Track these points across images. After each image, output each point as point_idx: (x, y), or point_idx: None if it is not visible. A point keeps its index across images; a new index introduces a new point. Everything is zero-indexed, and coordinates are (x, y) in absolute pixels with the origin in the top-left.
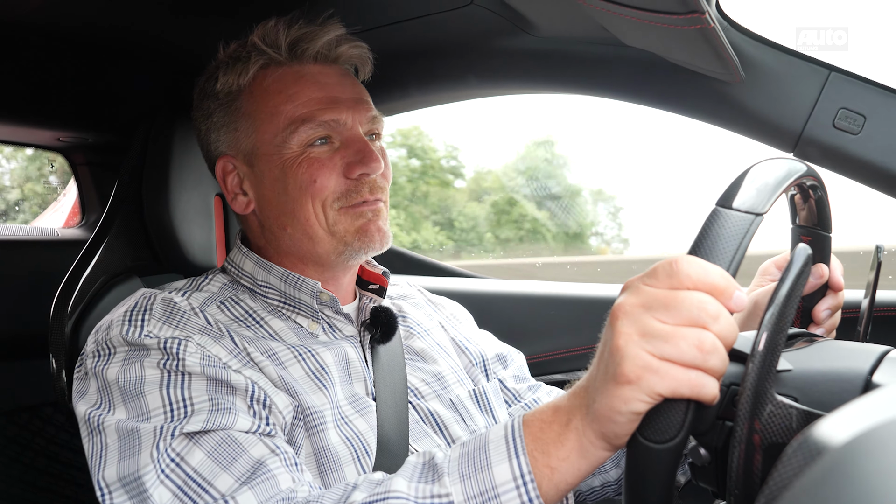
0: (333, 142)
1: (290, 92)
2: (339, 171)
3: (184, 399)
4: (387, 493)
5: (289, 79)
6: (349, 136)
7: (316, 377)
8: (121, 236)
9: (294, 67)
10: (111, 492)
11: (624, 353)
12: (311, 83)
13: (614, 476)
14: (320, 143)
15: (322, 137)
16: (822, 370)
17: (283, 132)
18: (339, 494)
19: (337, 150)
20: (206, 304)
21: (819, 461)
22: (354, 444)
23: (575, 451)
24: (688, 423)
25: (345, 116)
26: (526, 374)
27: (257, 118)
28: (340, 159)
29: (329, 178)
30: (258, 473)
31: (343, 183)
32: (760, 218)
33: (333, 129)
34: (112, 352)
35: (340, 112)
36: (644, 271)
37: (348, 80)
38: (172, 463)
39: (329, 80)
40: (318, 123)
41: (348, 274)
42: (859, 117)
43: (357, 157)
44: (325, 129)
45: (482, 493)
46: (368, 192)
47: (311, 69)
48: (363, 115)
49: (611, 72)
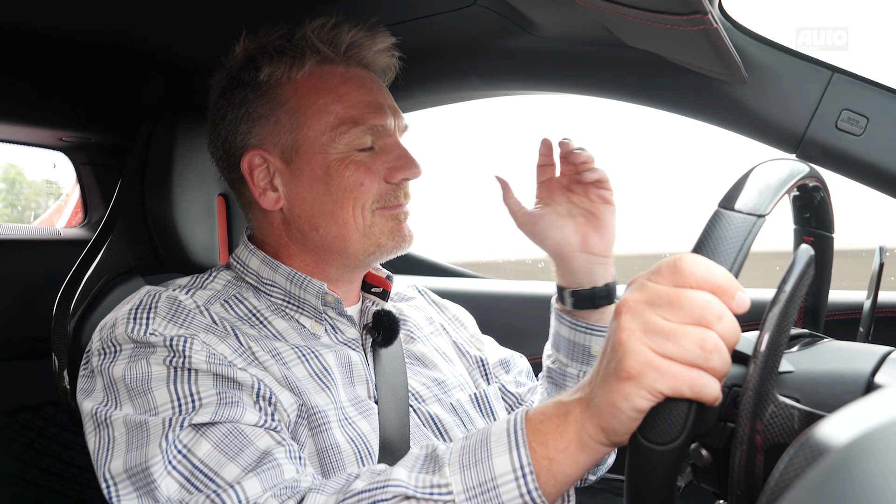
0: (374, 146)
1: (341, 92)
2: (381, 176)
3: (192, 393)
4: (387, 481)
5: (338, 79)
6: (389, 141)
7: (319, 378)
8: (123, 236)
9: (342, 68)
10: (116, 483)
11: (626, 349)
12: (359, 86)
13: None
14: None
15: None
16: (824, 371)
17: (331, 131)
18: (342, 483)
19: (377, 154)
20: (210, 301)
21: (821, 462)
22: (358, 444)
23: (574, 442)
24: (689, 424)
25: (388, 122)
26: (526, 379)
27: (302, 114)
28: (381, 164)
29: (373, 183)
30: (264, 463)
31: (383, 188)
32: (763, 219)
33: (376, 134)
34: (118, 349)
35: (385, 117)
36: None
37: (384, 87)
38: (180, 454)
39: (372, 84)
40: (368, 127)
41: (360, 276)
42: (862, 118)
43: (399, 162)
44: (371, 133)
45: (481, 483)
46: (404, 197)
47: (356, 73)
48: (401, 121)
49: (613, 72)
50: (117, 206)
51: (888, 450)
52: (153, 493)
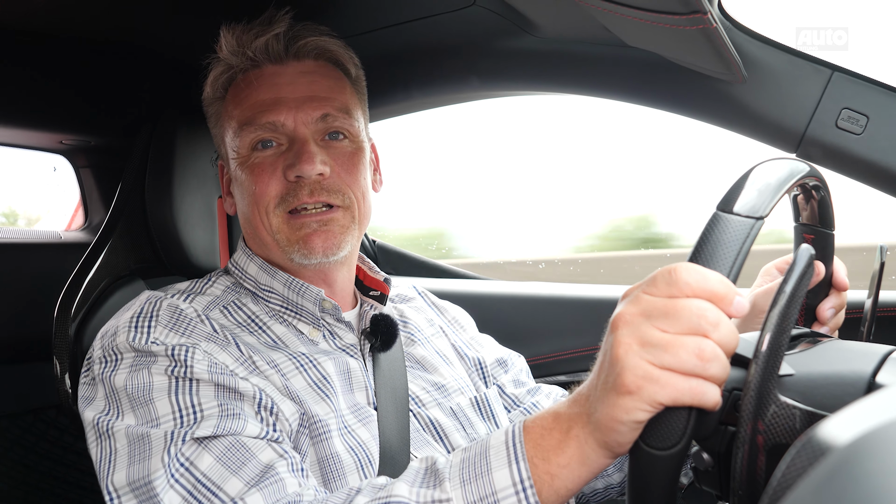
0: (281, 144)
1: (242, 96)
2: (281, 174)
3: (193, 405)
4: (389, 497)
5: (242, 84)
6: (293, 137)
7: (318, 387)
8: (124, 239)
9: (253, 72)
10: (120, 496)
11: (624, 363)
12: (262, 85)
13: (617, 479)
14: (262, 147)
15: (262, 140)
16: (825, 372)
17: (233, 137)
18: (343, 498)
19: (283, 152)
20: (209, 308)
21: (823, 461)
22: (358, 453)
23: (575, 458)
24: (690, 429)
25: (283, 118)
26: (525, 379)
27: (221, 124)
28: (283, 162)
29: (269, 184)
30: (266, 477)
31: (284, 186)
32: (761, 221)
33: (276, 131)
34: (119, 358)
35: (279, 113)
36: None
37: (305, 79)
38: (182, 468)
39: (282, 80)
40: (258, 126)
41: (337, 277)
42: (862, 117)
43: (293, 158)
44: (266, 132)
45: (482, 498)
46: (307, 195)
47: (267, 71)
48: (308, 114)
49: (613, 72)
50: (118, 209)
51: (890, 449)
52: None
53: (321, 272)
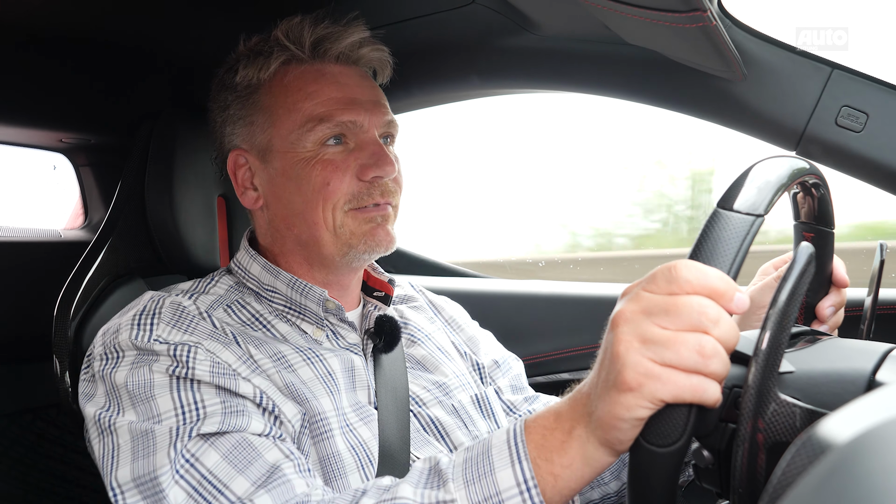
0: (348, 143)
1: (310, 90)
2: (353, 173)
3: (195, 402)
4: (394, 498)
5: (309, 77)
6: (364, 138)
7: (324, 381)
8: (124, 237)
9: (315, 66)
10: (124, 492)
11: (625, 361)
12: (331, 83)
13: (614, 488)
14: (334, 144)
15: (336, 136)
16: (825, 370)
17: (299, 129)
18: (349, 499)
19: (351, 151)
20: (213, 307)
21: (823, 459)
22: (359, 452)
23: (578, 458)
24: (690, 426)
25: (362, 118)
26: (523, 384)
27: (274, 113)
28: (354, 161)
29: (342, 181)
30: (274, 477)
31: (356, 185)
32: (761, 219)
33: (349, 130)
34: (120, 356)
35: (358, 113)
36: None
37: (367, 83)
38: (187, 464)
39: (349, 80)
40: (336, 123)
41: (353, 279)
42: (862, 115)
43: (371, 159)
44: (341, 129)
45: (487, 498)
46: (380, 196)
47: (331, 69)
48: (380, 118)
49: (613, 70)
50: (118, 208)
51: (890, 447)
52: (161, 502)
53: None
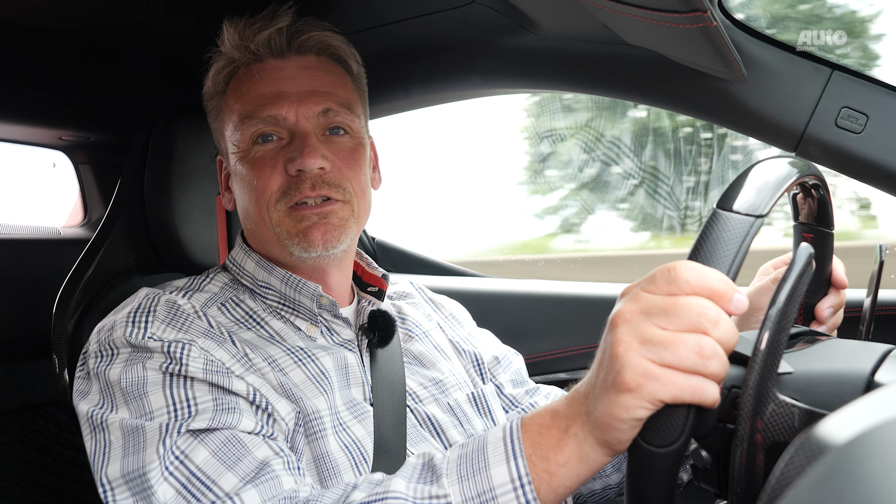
0: (282, 138)
1: (242, 90)
2: (281, 169)
3: (187, 399)
4: (385, 493)
5: (244, 77)
6: (294, 131)
7: (317, 381)
8: (123, 235)
9: (256, 66)
10: (114, 489)
11: (624, 361)
12: (264, 79)
13: (615, 480)
14: (263, 141)
15: (263, 134)
16: (824, 371)
17: (234, 130)
18: (339, 494)
19: (283, 147)
20: (207, 305)
21: (821, 460)
22: (352, 450)
23: (574, 456)
24: (689, 427)
25: (285, 111)
26: (524, 378)
27: (221, 118)
28: (284, 156)
29: (270, 178)
30: (262, 473)
31: (285, 180)
32: (761, 220)
33: (277, 125)
34: (115, 353)
35: (281, 107)
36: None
37: (307, 73)
38: (177, 460)
39: (283, 74)
40: (259, 119)
41: (332, 275)
42: (861, 116)
43: (295, 152)
44: (267, 125)
45: (480, 494)
46: (309, 189)
47: (269, 65)
48: (311, 108)
49: (613, 70)
50: (117, 206)
51: (889, 448)
52: (150, 498)
53: (318, 268)
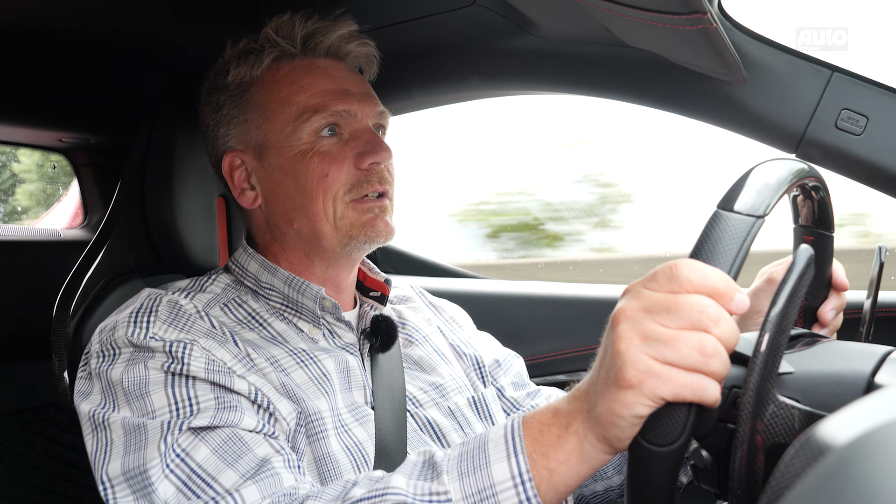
0: (343, 134)
1: (303, 83)
2: (350, 163)
3: (189, 398)
4: (385, 489)
5: (301, 70)
6: (358, 127)
7: (318, 383)
8: (123, 237)
9: (305, 61)
10: (114, 486)
11: (625, 358)
12: (323, 75)
13: (617, 481)
14: (329, 135)
15: (331, 127)
16: (824, 372)
17: (294, 122)
18: (339, 490)
19: (346, 142)
20: (209, 305)
21: (821, 461)
22: (354, 452)
23: (575, 454)
24: (689, 426)
25: (355, 108)
26: (525, 380)
27: (268, 108)
28: (350, 150)
29: (340, 171)
30: (263, 470)
31: (353, 174)
32: (762, 220)
33: (343, 120)
34: (116, 353)
35: (351, 103)
36: (644, 274)
37: (356, 76)
38: (178, 458)
39: (339, 73)
40: (331, 113)
41: (349, 278)
42: (861, 118)
43: (367, 146)
44: (336, 119)
45: (480, 491)
46: (378, 183)
47: (321, 63)
48: (372, 108)
49: (613, 72)
50: (117, 208)
51: (889, 449)
52: (150, 496)
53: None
